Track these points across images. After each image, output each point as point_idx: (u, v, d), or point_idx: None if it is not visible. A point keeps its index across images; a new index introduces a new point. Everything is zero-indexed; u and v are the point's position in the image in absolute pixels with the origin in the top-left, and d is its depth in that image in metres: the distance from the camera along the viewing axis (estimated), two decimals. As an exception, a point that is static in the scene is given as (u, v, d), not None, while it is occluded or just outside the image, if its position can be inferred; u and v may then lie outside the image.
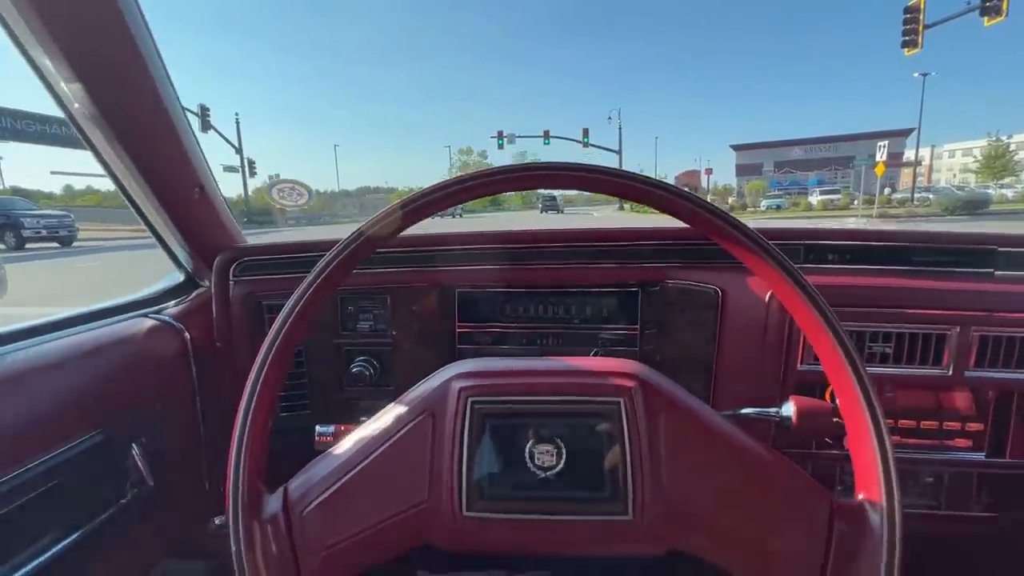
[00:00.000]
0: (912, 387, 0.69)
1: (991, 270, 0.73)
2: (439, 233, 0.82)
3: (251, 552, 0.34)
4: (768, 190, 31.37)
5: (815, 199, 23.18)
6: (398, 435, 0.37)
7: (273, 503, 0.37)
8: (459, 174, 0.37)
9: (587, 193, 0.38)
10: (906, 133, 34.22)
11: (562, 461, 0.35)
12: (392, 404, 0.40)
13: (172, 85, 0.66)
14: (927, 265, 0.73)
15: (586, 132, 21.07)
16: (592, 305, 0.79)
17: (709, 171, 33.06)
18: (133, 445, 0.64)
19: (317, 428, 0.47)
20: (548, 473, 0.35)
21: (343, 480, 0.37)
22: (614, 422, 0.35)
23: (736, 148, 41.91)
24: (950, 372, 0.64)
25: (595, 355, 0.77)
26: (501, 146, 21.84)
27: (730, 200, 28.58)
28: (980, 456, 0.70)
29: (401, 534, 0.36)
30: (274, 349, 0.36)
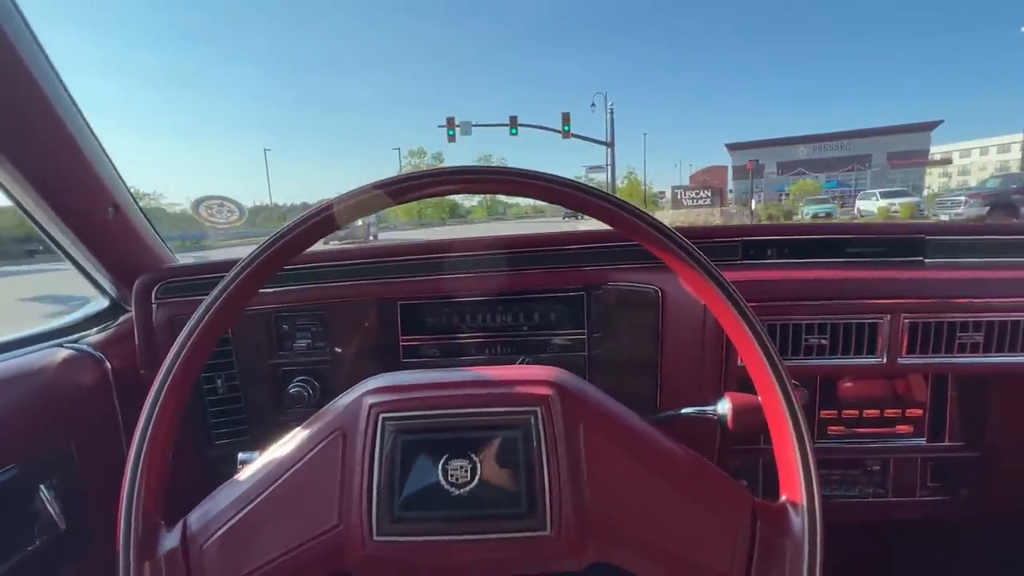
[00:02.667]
0: (850, 377, 0.70)
1: (921, 258, 0.74)
2: (377, 245, 0.84)
3: None
4: (817, 193, 22.44)
5: (871, 205, 15.99)
6: (306, 457, 0.35)
7: (170, 538, 0.34)
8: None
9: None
10: (931, 126, 28.79)
11: (476, 477, 0.33)
12: (302, 425, 0.37)
13: (69, 94, 0.61)
14: (861, 256, 0.75)
15: (567, 118, 15.85)
16: (539, 311, 0.77)
17: (752, 164, 22.99)
18: (41, 487, 0.59)
19: (240, 456, 0.42)
20: (462, 490, 0.33)
21: (247, 508, 0.34)
22: (530, 433, 0.33)
23: (731, 148, 33.66)
24: (884, 360, 0.65)
25: (523, 363, 0.75)
26: (452, 137, 16.17)
27: (755, 205, 19.36)
28: (921, 441, 0.72)
29: (311, 564, 0.33)
30: (185, 351, 0.34)
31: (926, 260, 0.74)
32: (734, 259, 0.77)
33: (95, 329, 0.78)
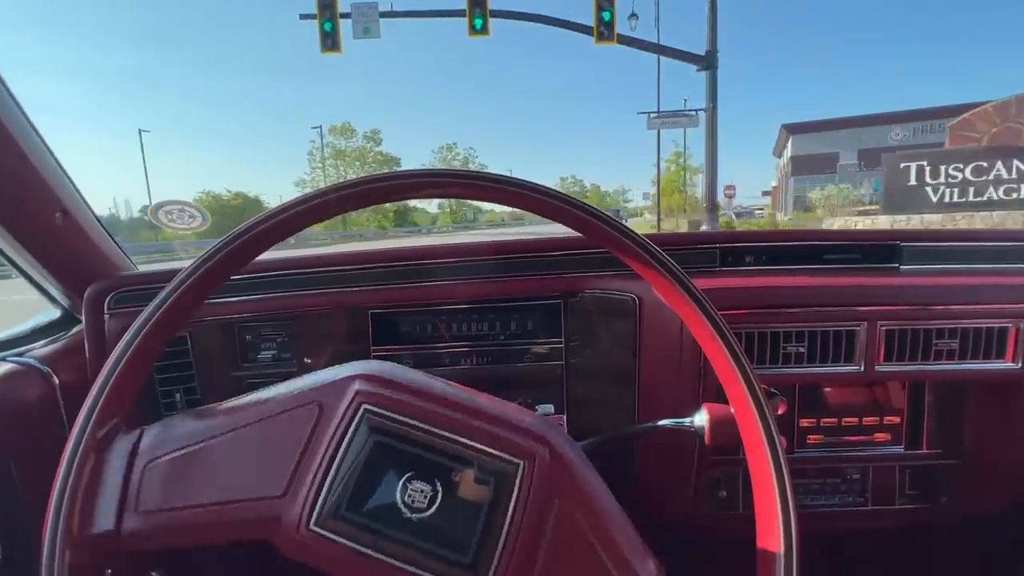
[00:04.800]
0: (828, 385, 0.71)
1: (896, 265, 0.75)
2: (346, 252, 0.77)
3: (77, 482, 0.31)
4: None
5: None
6: (275, 416, 0.34)
7: (121, 445, 0.33)
8: (356, 175, 0.34)
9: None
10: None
11: (434, 507, 0.31)
12: (286, 383, 0.36)
13: (10, 94, 0.58)
14: (837, 263, 0.75)
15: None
16: (515, 319, 0.76)
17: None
18: None
19: None
20: (414, 515, 0.31)
21: (200, 444, 0.33)
22: (504, 484, 0.31)
23: (791, 130, 24.41)
24: (862, 368, 0.65)
25: (523, 403, 0.69)
26: (328, 39, 7.82)
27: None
28: (899, 449, 0.72)
29: (242, 524, 0.32)
30: (126, 358, 0.33)
31: (901, 267, 0.75)
32: (712, 266, 0.77)
33: (43, 341, 0.74)
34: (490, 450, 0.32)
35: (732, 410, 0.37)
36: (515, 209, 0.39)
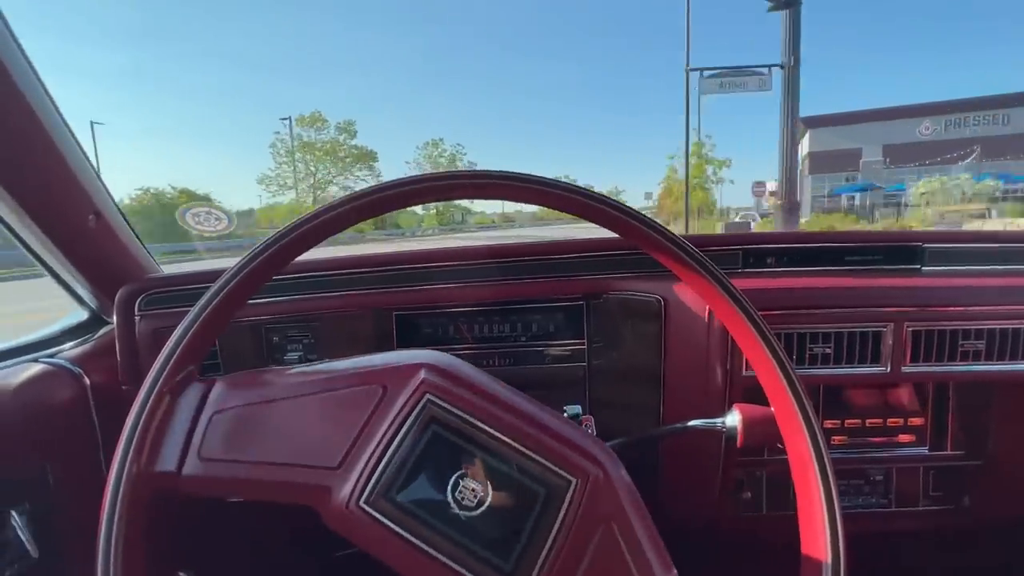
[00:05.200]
0: (854, 386, 0.71)
1: (918, 266, 0.75)
2: (371, 254, 0.79)
3: (149, 421, 0.33)
4: None
5: None
6: (341, 390, 0.35)
7: (193, 392, 0.35)
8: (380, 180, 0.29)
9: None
10: None
11: (482, 508, 0.31)
12: (353, 359, 0.37)
13: (50, 97, 0.59)
14: (859, 264, 0.76)
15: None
16: (538, 321, 0.77)
17: None
18: (12, 512, 0.57)
19: None
20: (462, 512, 0.31)
21: (266, 404, 0.34)
22: (555, 497, 0.31)
23: (809, 124, 21.34)
24: (888, 369, 0.65)
25: (574, 417, 0.70)
26: None
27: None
28: (923, 450, 0.72)
29: (293, 488, 0.33)
30: (176, 355, 0.34)
31: (923, 268, 0.75)
32: (735, 267, 0.77)
33: (73, 342, 0.75)
34: (546, 462, 0.32)
35: (772, 410, 0.37)
36: (506, 211, 0.40)
